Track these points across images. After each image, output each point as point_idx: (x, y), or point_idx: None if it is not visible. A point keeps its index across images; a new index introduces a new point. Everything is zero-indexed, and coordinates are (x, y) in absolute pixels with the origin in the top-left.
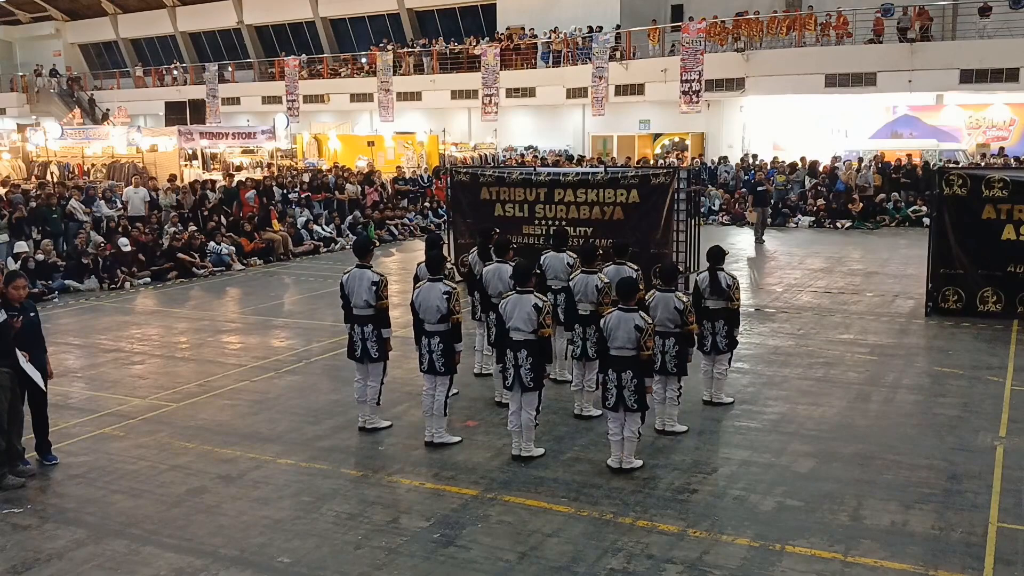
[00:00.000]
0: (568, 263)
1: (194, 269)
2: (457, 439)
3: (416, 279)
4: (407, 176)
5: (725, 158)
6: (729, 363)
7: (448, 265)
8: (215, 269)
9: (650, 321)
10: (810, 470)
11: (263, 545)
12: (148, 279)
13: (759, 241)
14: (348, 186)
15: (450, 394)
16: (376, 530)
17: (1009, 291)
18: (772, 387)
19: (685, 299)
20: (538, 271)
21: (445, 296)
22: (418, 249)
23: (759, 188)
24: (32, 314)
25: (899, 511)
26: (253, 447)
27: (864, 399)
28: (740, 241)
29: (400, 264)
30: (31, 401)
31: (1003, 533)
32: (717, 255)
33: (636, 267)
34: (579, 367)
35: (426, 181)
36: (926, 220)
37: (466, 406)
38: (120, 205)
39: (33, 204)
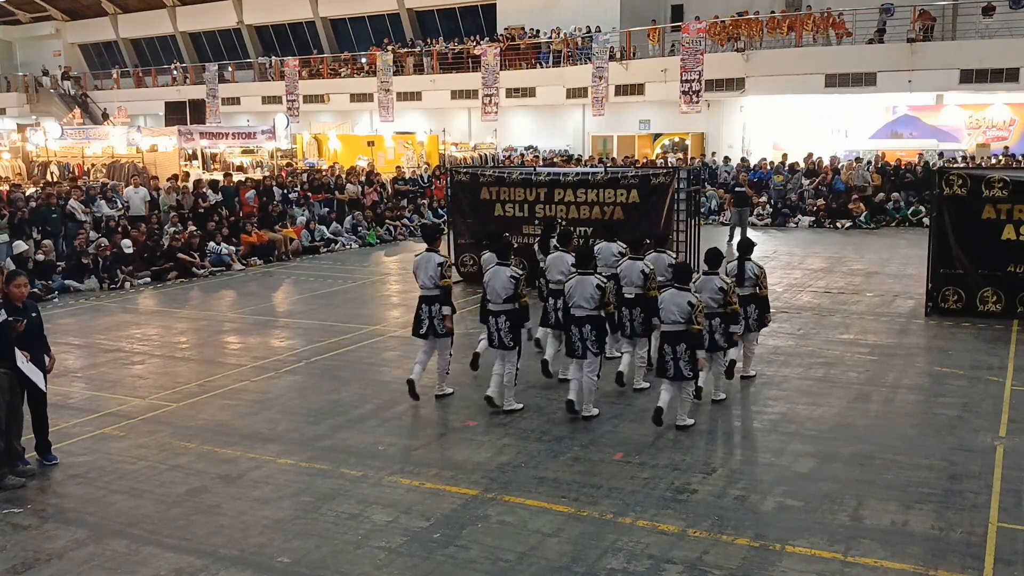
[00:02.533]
0: (619, 252)
1: (194, 269)
2: (520, 405)
3: (484, 263)
4: (407, 176)
5: (727, 158)
6: (757, 341)
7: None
8: (215, 269)
9: (700, 299)
10: (810, 470)
11: (263, 545)
12: (148, 279)
13: (731, 240)
14: (348, 186)
15: (519, 367)
16: (376, 530)
17: (1009, 291)
18: (772, 387)
19: (729, 280)
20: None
21: (512, 280)
22: (417, 249)
23: (737, 189)
24: (34, 315)
25: (899, 511)
26: (253, 447)
27: (864, 399)
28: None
29: (400, 264)
30: (31, 401)
31: (1003, 533)
32: (747, 246)
33: (675, 255)
34: (628, 344)
35: (426, 181)
36: (926, 220)
37: (466, 406)
38: (120, 205)
39: (33, 204)
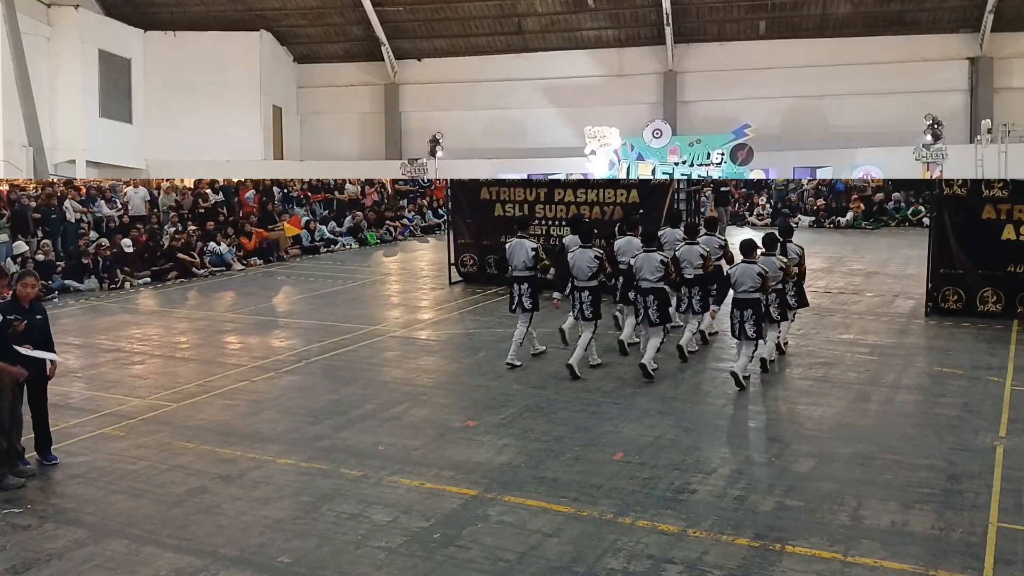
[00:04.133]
0: (680, 237)
1: (194, 269)
2: (600, 360)
3: (564, 247)
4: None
5: None
6: (794, 317)
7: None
8: (215, 269)
9: (768, 270)
10: (810, 470)
11: (263, 545)
12: (148, 279)
13: None
14: (348, 186)
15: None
16: (376, 530)
17: (1009, 291)
18: (772, 387)
19: (785, 260)
20: None
21: (596, 259)
22: (417, 249)
23: (722, 188)
24: (39, 317)
25: (899, 511)
26: (253, 447)
27: (864, 399)
28: (734, 239)
29: (400, 264)
30: (31, 400)
31: (1003, 533)
32: (787, 229)
33: (723, 238)
34: (684, 319)
35: (426, 181)
36: (926, 220)
37: (466, 406)
38: (120, 205)
39: (33, 205)
